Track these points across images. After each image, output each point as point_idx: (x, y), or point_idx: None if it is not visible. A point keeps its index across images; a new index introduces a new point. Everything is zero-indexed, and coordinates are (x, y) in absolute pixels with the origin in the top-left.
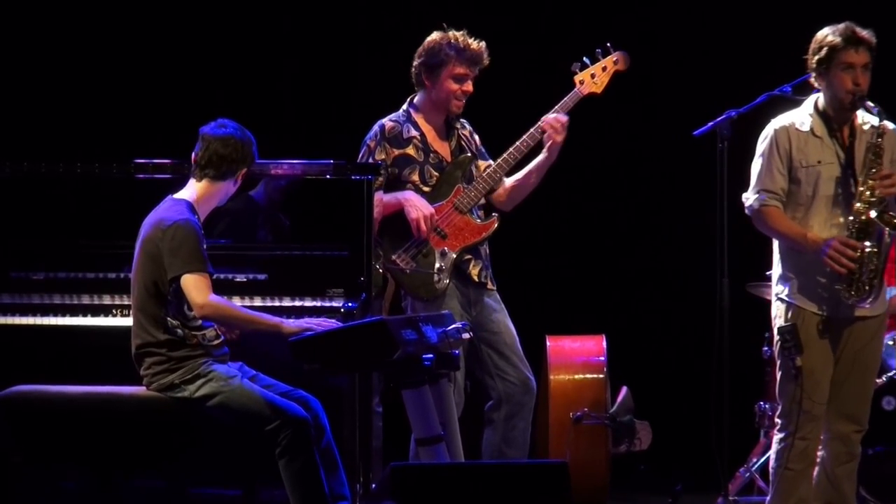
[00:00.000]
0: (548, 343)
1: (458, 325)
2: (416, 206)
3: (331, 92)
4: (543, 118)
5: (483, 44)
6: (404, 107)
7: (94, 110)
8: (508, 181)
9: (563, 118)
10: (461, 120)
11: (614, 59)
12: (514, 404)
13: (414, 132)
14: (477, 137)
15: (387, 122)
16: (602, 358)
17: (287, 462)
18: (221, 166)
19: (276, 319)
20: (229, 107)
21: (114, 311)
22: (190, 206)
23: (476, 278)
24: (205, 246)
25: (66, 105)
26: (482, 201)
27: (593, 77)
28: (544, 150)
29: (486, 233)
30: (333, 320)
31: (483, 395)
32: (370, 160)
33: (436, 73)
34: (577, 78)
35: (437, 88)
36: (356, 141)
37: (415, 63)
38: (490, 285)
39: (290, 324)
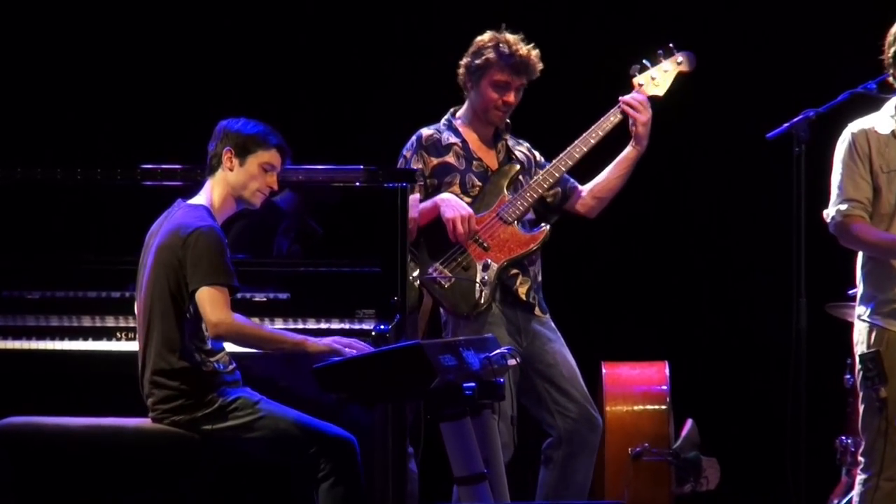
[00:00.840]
0: (603, 370)
1: (502, 349)
2: (453, 205)
3: (360, 91)
4: (594, 128)
5: (535, 51)
6: (446, 116)
7: (96, 110)
8: (586, 188)
9: (641, 96)
10: (516, 137)
11: (678, 60)
12: (576, 444)
13: (454, 139)
14: (537, 154)
15: (425, 130)
16: (664, 387)
17: (330, 486)
18: (210, 156)
19: (299, 337)
20: (247, 107)
21: (118, 335)
22: (209, 212)
23: (524, 297)
24: (229, 257)
25: (65, 104)
26: (530, 214)
27: (654, 79)
28: (631, 141)
29: (535, 244)
30: (364, 343)
31: (539, 433)
32: None
33: (477, 78)
34: (635, 81)
35: (478, 95)
36: (389, 145)
37: (459, 68)
38: (539, 311)
39: (316, 342)
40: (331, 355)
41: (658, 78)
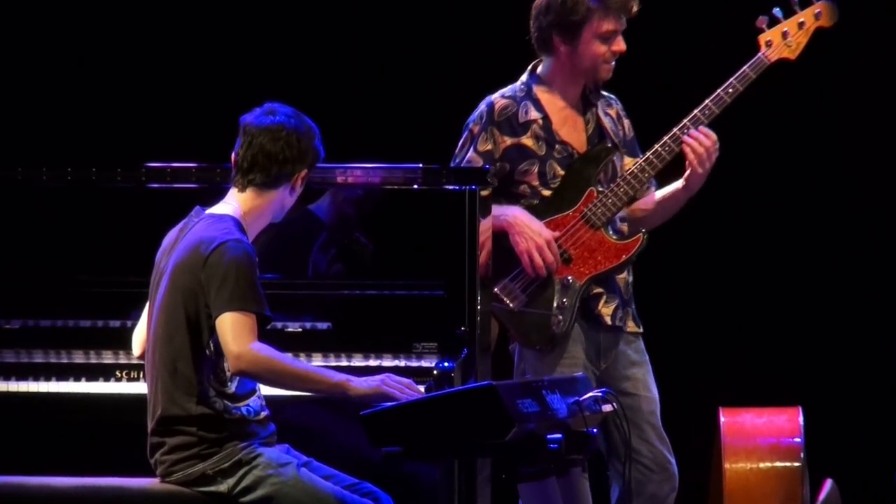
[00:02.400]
0: (721, 418)
1: (595, 392)
2: (526, 233)
3: (412, 77)
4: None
5: None
6: (524, 77)
7: (90, 98)
8: (658, 193)
9: (712, 137)
10: (607, 95)
11: (815, 11)
12: (646, 498)
13: (534, 113)
14: (627, 122)
15: (497, 98)
16: (798, 439)
17: None
18: (271, 169)
19: (340, 377)
20: (277, 95)
21: (118, 374)
22: (237, 224)
23: (608, 320)
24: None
25: (52, 92)
26: (623, 212)
27: (785, 37)
28: (683, 177)
29: (627, 255)
30: (421, 386)
31: (603, 480)
32: (472, 151)
33: (575, 35)
34: (762, 38)
35: (579, 54)
36: (445, 141)
37: (540, 23)
38: (633, 327)
39: (361, 383)
40: (380, 400)
41: (791, 35)
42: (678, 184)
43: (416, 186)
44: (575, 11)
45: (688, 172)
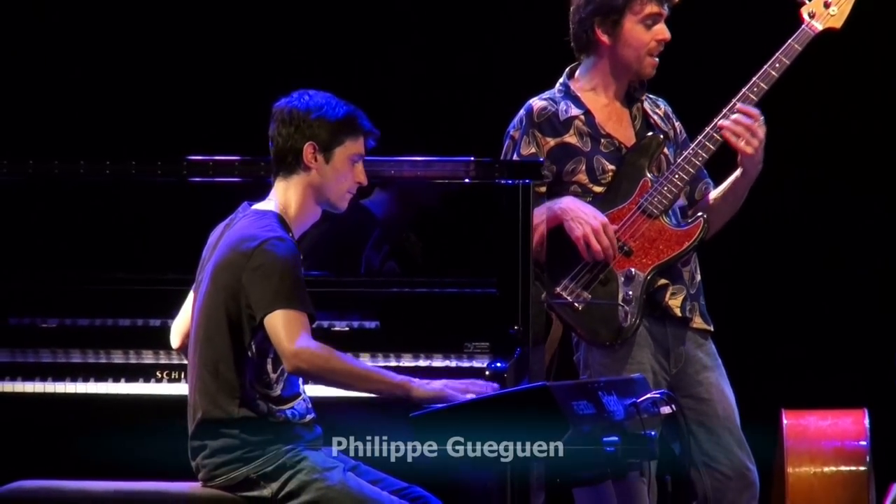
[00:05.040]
0: (784, 420)
1: (653, 394)
2: (580, 217)
3: (462, 68)
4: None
5: None
6: (560, 80)
7: (129, 90)
8: (718, 189)
9: (751, 113)
10: (654, 97)
11: None
12: None
13: (575, 110)
14: (678, 124)
15: (535, 101)
16: (863, 442)
17: None
18: (281, 154)
19: (400, 378)
20: (325, 88)
21: (158, 375)
22: (279, 220)
23: (677, 312)
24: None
25: (91, 84)
26: (682, 200)
27: (828, 6)
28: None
29: (689, 242)
30: (488, 383)
31: (684, 490)
32: (515, 156)
33: (617, 22)
34: (804, 9)
35: (622, 44)
36: (491, 135)
37: (580, 16)
38: (700, 322)
39: (423, 385)
40: (439, 403)
41: (834, 3)
42: (735, 173)
43: (467, 180)
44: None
45: (739, 157)
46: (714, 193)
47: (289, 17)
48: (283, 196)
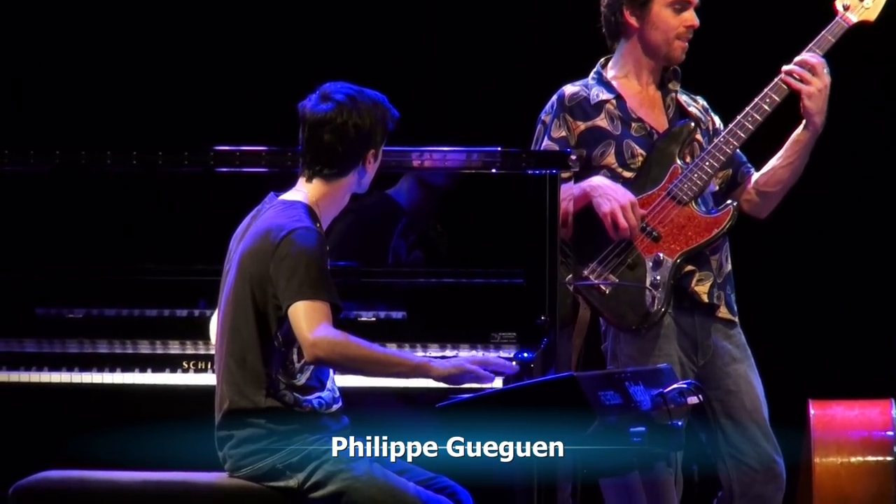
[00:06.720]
0: (811, 411)
1: (681, 384)
2: (608, 194)
3: (491, 58)
4: (784, 68)
5: None
6: (594, 70)
7: (156, 80)
8: (756, 176)
9: (813, 59)
10: (691, 94)
11: None
12: (751, 498)
13: (607, 94)
14: (716, 118)
15: (568, 87)
16: (891, 433)
17: None
18: (334, 162)
19: (420, 359)
20: (353, 78)
21: (185, 365)
22: (308, 211)
23: (704, 298)
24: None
25: (116, 74)
26: (713, 186)
27: None
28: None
29: (718, 229)
30: (506, 361)
31: (710, 482)
32: (546, 139)
33: (644, 6)
34: (838, 1)
35: (650, 27)
36: (519, 125)
37: (608, 3)
38: (725, 312)
39: (442, 364)
40: (463, 379)
41: None
42: (798, 130)
43: (494, 171)
44: None
45: (803, 107)
46: (771, 162)
47: (316, 7)
48: (318, 192)
